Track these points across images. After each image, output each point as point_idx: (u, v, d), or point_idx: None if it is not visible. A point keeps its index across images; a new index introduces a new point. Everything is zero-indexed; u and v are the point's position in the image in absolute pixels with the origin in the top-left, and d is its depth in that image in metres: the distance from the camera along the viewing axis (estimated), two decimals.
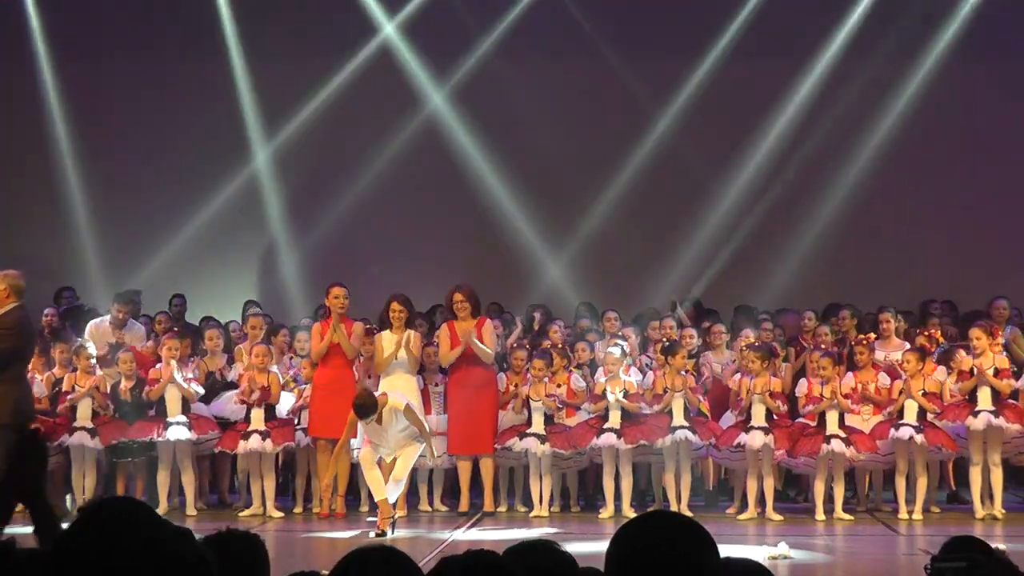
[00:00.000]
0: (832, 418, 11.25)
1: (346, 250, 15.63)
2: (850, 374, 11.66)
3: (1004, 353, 11.62)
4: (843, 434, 11.21)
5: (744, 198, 15.68)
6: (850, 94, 15.56)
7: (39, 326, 13.35)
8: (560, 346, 12.19)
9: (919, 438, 11.17)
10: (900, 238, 15.77)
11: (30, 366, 11.93)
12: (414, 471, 11.99)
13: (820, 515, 11.29)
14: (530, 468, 11.71)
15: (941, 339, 12.45)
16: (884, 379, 11.66)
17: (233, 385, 12.03)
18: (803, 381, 11.70)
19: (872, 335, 12.17)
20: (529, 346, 12.34)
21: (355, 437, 11.57)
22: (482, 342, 11.76)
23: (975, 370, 11.36)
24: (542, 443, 11.49)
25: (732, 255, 15.35)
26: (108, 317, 12.74)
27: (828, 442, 11.13)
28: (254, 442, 11.46)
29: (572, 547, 3.45)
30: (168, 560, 2.45)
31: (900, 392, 11.38)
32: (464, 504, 11.80)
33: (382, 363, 11.62)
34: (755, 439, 11.25)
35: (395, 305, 11.74)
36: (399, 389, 11.50)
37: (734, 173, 15.72)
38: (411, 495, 12.26)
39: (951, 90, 15.52)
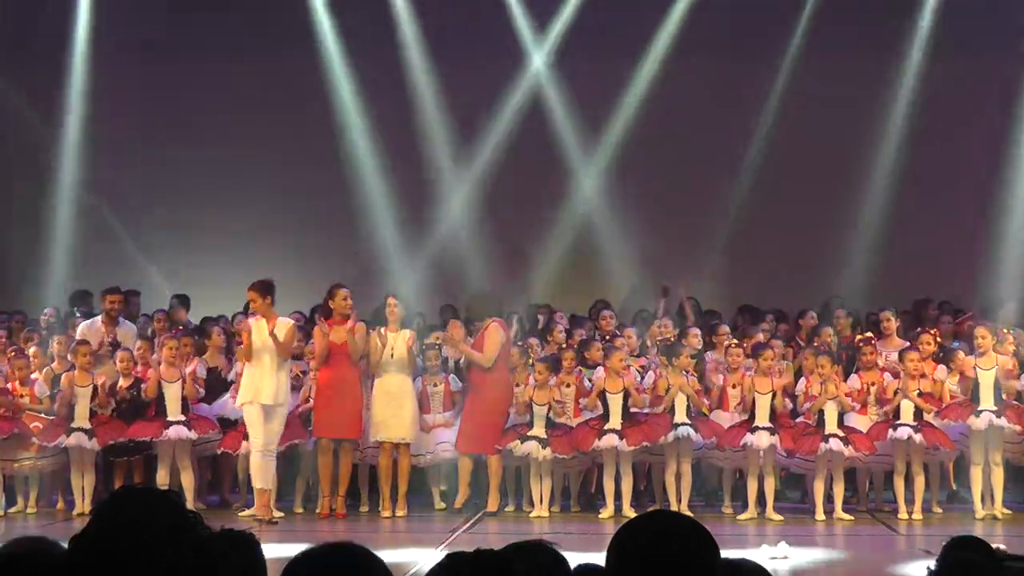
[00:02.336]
0: (831, 417, 11.24)
1: (346, 250, 15.62)
2: (855, 375, 11.65)
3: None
4: (841, 433, 11.20)
5: (744, 197, 15.69)
6: (850, 94, 15.56)
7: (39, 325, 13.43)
8: (564, 346, 12.18)
9: (917, 437, 11.18)
10: (900, 238, 15.76)
11: (32, 365, 11.98)
12: (424, 470, 12.03)
13: (820, 515, 11.28)
14: (530, 469, 11.70)
15: (940, 339, 12.47)
16: (889, 379, 11.65)
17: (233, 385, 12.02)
18: (802, 380, 11.71)
19: (870, 334, 12.17)
20: (523, 345, 12.36)
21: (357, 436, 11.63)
22: (483, 346, 11.74)
23: (976, 370, 11.36)
24: (543, 447, 11.47)
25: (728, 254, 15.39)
26: (99, 317, 12.71)
27: (826, 441, 11.12)
28: None
29: (572, 547, 3.45)
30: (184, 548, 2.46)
31: (896, 392, 11.37)
32: (460, 501, 11.77)
33: (376, 362, 11.62)
34: (762, 439, 11.24)
35: (390, 300, 11.76)
36: (393, 390, 11.51)
37: (734, 173, 15.72)
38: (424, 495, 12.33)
39: (952, 88, 15.52)
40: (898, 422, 11.28)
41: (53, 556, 2.80)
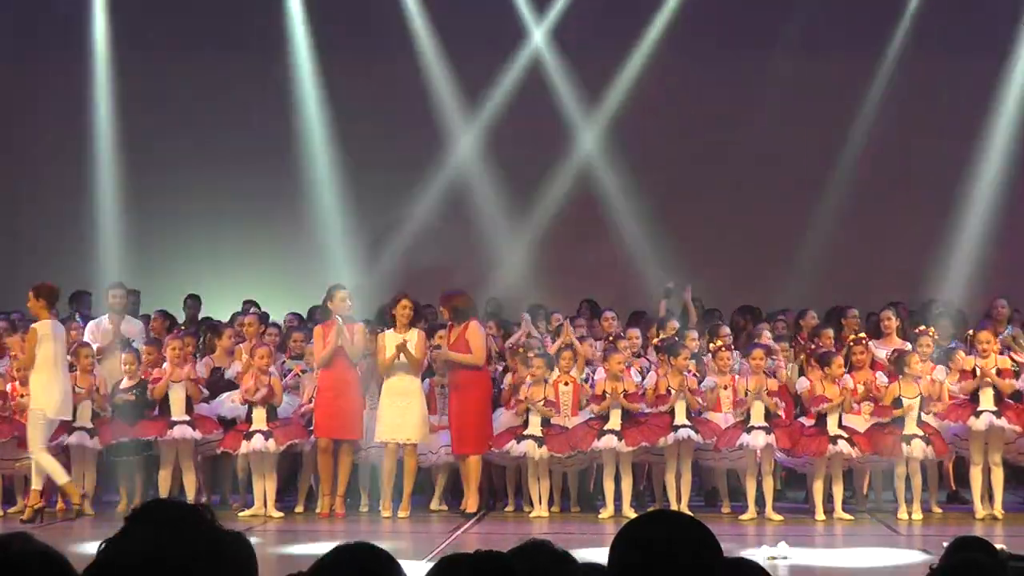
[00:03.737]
0: (833, 418, 11.22)
1: (345, 250, 15.63)
2: (848, 375, 11.64)
3: (1005, 352, 11.65)
4: (846, 435, 11.19)
5: (743, 197, 15.70)
6: (850, 92, 15.58)
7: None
8: (567, 344, 12.14)
9: (929, 451, 11.18)
10: (899, 238, 15.77)
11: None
12: (426, 471, 12.03)
13: (820, 515, 11.27)
14: (528, 469, 11.68)
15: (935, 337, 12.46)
16: (882, 378, 11.65)
17: (231, 384, 12.02)
18: (803, 380, 11.71)
19: (863, 334, 12.16)
20: (513, 346, 12.33)
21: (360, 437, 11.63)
22: (468, 347, 11.67)
23: (977, 370, 11.36)
24: (539, 446, 11.45)
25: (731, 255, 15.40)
26: (105, 316, 12.73)
27: (834, 443, 11.10)
28: (256, 442, 11.44)
29: (572, 547, 3.44)
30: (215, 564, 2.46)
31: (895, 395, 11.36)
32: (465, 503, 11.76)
33: (384, 363, 11.60)
34: (757, 439, 11.23)
35: (405, 302, 11.72)
36: (401, 391, 11.50)
37: (735, 173, 15.72)
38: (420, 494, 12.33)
39: (952, 88, 15.53)
40: (906, 432, 11.23)
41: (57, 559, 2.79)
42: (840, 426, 11.28)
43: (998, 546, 3.80)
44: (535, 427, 11.52)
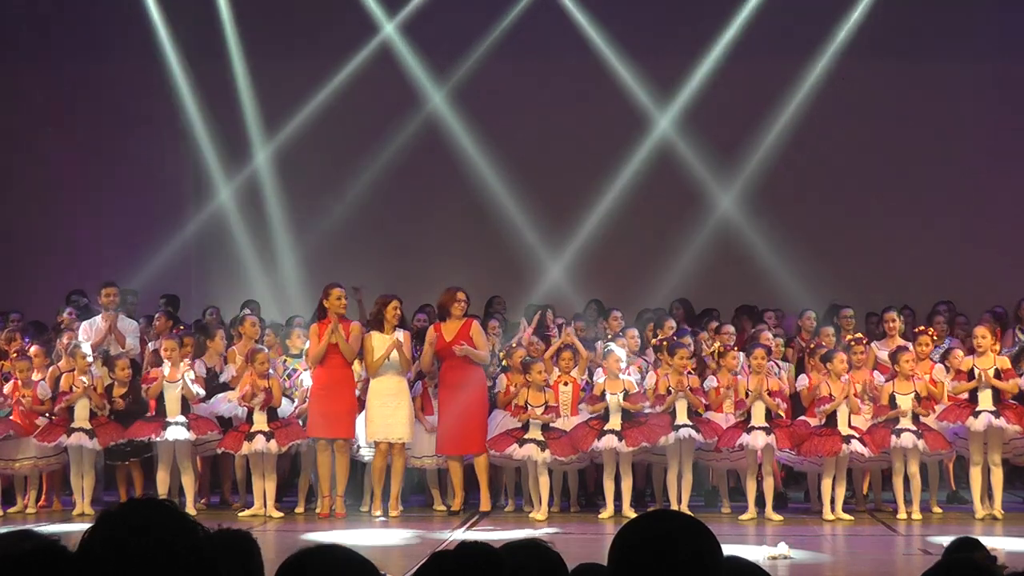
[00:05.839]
0: (843, 418, 11.21)
1: (346, 250, 15.62)
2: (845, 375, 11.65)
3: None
4: (857, 435, 11.19)
5: (744, 198, 15.69)
6: (850, 93, 15.58)
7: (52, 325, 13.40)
8: (564, 346, 12.12)
9: (920, 444, 11.17)
10: (900, 237, 15.77)
11: (33, 366, 11.94)
12: (421, 471, 12.02)
13: (828, 515, 11.22)
14: (528, 469, 11.67)
15: (936, 337, 12.49)
16: (879, 378, 11.65)
17: (225, 387, 12.00)
18: (802, 378, 11.71)
19: (860, 334, 12.16)
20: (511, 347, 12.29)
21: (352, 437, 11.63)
22: (473, 345, 11.65)
23: (975, 371, 11.36)
24: (542, 450, 11.42)
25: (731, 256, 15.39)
26: (99, 316, 12.72)
27: (848, 443, 11.08)
28: (258, 443, 11.43)
29: (572, 547, 3.44)
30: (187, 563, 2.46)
31: (892, 395, 11.35)
32: (458, 503, 11.75)
33: (373, 364, 11.61)
34: (757, 439, 11.23)
35: (396, 303, 11.74)
36: (390, 391, 11.50)
37: (734, 173, 15.71)
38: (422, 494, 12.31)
39: (953, 89, 15.53)
40: (898, 426, 11.25)
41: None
42: (849, 425, 11.26)
43: (992, 552, 3.79)
44: (536, 432, 11.49)
